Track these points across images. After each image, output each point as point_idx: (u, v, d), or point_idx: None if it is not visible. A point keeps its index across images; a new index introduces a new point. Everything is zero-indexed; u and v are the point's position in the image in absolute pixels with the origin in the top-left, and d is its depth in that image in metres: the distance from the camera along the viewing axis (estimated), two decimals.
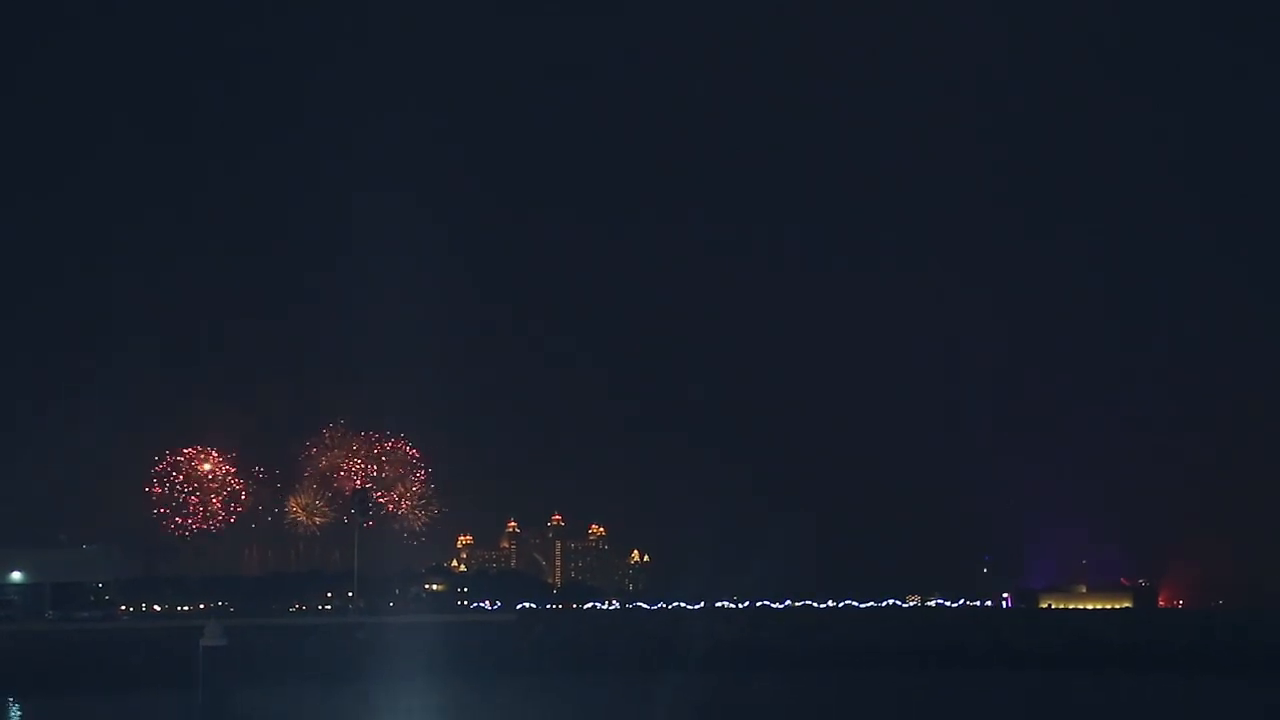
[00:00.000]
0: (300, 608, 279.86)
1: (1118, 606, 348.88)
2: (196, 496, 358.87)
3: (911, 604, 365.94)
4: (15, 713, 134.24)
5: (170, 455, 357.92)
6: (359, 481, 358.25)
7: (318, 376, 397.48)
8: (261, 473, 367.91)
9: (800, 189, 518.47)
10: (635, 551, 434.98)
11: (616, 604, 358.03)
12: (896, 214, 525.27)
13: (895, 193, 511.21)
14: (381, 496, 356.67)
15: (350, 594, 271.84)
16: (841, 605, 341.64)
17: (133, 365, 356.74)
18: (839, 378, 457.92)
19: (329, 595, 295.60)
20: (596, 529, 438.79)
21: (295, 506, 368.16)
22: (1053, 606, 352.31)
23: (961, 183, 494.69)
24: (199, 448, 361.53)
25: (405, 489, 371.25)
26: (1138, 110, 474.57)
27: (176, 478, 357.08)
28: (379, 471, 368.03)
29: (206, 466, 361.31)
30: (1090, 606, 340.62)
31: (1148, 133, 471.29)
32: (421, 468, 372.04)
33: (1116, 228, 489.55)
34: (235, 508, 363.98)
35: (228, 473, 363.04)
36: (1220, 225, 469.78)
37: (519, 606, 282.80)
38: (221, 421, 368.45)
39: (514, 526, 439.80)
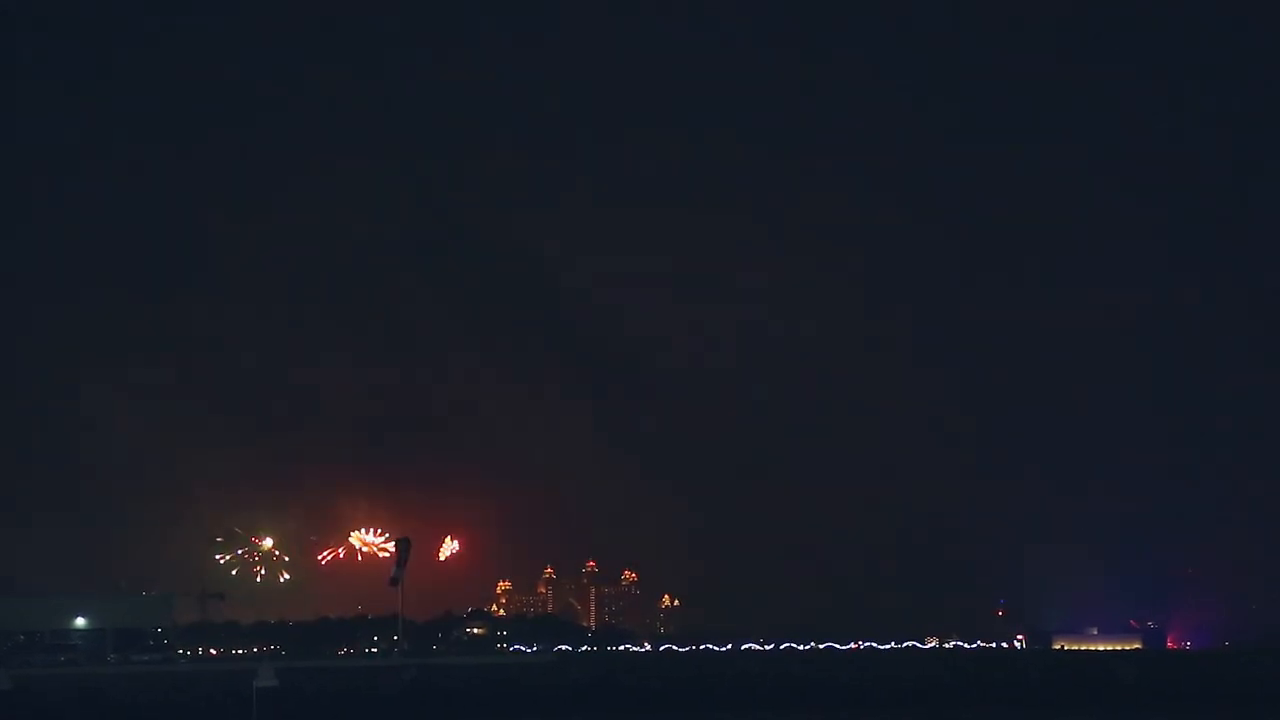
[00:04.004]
0: (348, 651, 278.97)
1: (1127, 648, 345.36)
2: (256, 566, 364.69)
3: (930, 645, 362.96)
4: None
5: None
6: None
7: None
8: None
9: (822, 214, 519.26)
10: (666, 596, 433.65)
11: (648, 646, 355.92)
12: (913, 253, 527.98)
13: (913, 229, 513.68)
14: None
15: (395, 638, 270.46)
16: (864, 646, 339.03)
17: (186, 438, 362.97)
18: (858, 427, 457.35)
19: (375, 639, 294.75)
20: (629, 575, 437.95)
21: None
22: (1065, 648, 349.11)
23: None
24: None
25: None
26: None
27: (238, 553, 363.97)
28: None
29: (268, 543, 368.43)
30: (1101, 648, 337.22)
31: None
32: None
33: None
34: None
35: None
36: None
37: (556, 649, 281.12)
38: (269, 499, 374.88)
39: (550, 573, 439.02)
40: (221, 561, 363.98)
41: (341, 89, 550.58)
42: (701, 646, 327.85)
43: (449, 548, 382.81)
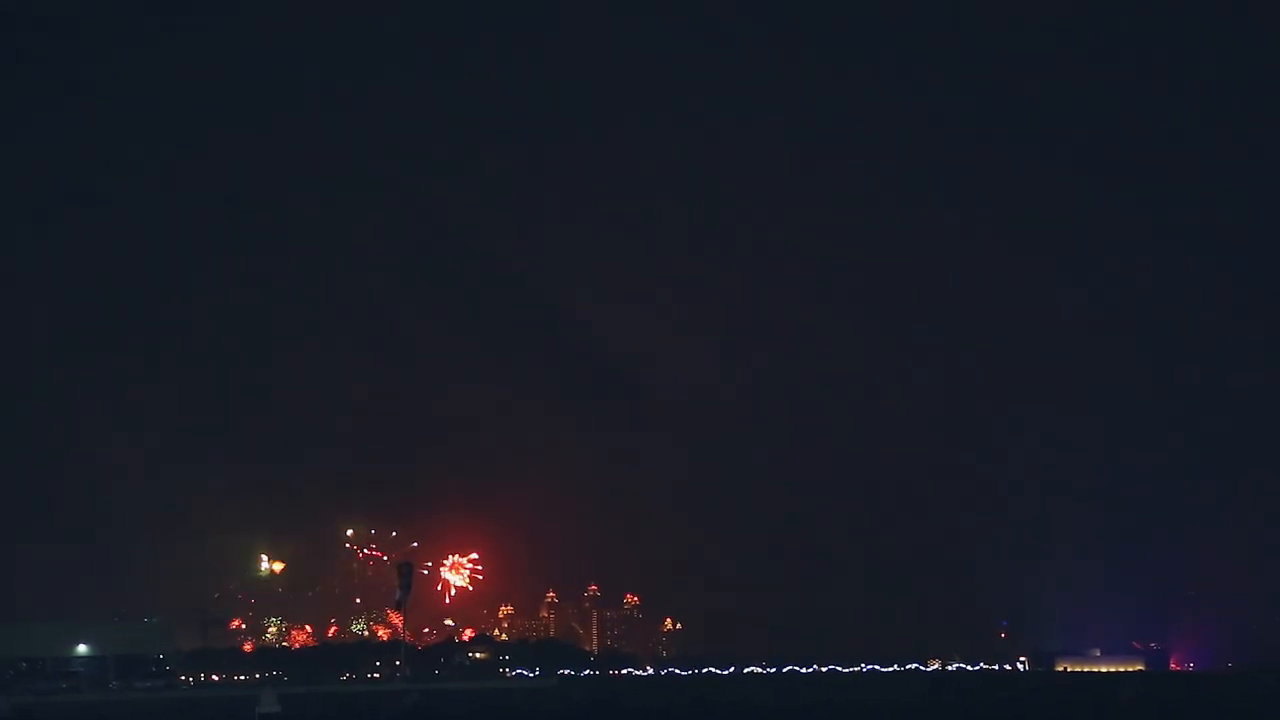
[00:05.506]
0: (350, 677, 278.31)
1: (1130, 670, 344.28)
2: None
3: (933, 668, 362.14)
4: None
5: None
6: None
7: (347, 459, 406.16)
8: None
9: (822, 214, 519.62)
10: (668, 619, 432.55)
11: (651, 670, 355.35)
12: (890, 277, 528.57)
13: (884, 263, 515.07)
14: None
15: (397, 662, 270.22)
16: (866, 670, 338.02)
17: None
18: (857, 446, 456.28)
19: (377, 664, 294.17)
20: (631, 598, 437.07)
21: None
22: (1068, 670, 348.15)
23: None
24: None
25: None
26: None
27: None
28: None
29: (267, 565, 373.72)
30: (1103, 670, 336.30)
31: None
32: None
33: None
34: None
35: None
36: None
37: (558, 673, 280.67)
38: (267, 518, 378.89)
39: (552, 597, 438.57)
40: (217, 596, 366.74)
41: (342, 89, 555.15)
42: (704, 670, 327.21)
43: (464, 571, 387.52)
